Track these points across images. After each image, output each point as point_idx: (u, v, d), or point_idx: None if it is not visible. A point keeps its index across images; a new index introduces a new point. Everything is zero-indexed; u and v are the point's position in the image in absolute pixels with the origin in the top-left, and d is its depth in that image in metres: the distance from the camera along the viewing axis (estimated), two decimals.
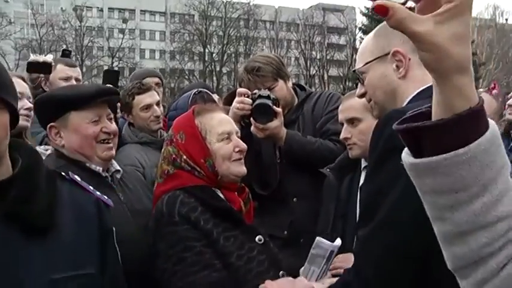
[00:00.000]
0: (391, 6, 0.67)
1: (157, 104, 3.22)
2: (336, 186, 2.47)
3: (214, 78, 43.11)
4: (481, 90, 6.27)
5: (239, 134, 2.13)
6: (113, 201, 2.03)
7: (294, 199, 2.77)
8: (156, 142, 3.15)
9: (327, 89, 31.81)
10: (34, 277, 1.36)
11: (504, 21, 49.58)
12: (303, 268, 2.07)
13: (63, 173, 1.62)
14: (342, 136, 2.37)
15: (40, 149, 2.76)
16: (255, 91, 2.67)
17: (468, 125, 0.69)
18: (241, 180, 2.13)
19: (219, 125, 2.06)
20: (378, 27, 1.76)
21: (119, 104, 3.04)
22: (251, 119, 2.61)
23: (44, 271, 1.38)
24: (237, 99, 2.67)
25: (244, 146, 2.07)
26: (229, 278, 1.86)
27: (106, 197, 1.69)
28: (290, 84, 2.91)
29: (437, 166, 0.70)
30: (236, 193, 2.07)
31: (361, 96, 1.79)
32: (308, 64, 44.32)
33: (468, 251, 0.73)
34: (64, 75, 3.68)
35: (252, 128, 2.62)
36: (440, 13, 0.67)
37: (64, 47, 40.64)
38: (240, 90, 2.70)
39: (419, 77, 1.60)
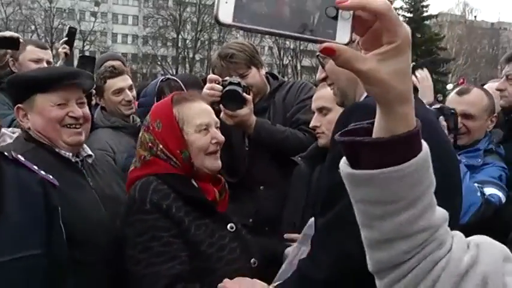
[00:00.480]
0: (337, 47, 0.72)
1: (130, 88, 3.18)
2: (307, 174, 2.50)
3: (187, 65, 42.76)
4: (450, 85, 6.40)
5: (218, 125, 2.09)
6: (82, 187, 2.06)
7: (261, 187, 2.79)
8: (128, 127, 3.13)
9: (299, 79, 31.95)
10: None
11: (473, 18, 50.62)
12: (291, 248, 2.09)
13: (5, 153, 1.62)
14: (311, 124, 2.42)
15: (6, 131, 2.72)
16: (225, 78, 2.68)
17: (404, 146, 0.76)
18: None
19: (198, 116, 2.01)
20: None
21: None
22: (220, 105, 2.60)
23: None
24: (207, 85, 2.66)
25: (221, 138, 2.04)
26: (200, 266, 1.87)
27: (51, 177, 1.69)
28: (263, 72, 2.92)
29: (372, 179, 0.77)
30: (211, 183, 2.05)
31: (322, 80, 1.80)
32: (281, 54, 44.39)
33: (389, 257, 0.82)
34: (35, 57, 3.59)
35: (222, 114, 2.61)
36: (382, 52, 0.73)
37: (33, 28, 39.91)
38: (210, 76, 2.71)
39: None
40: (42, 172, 1.68)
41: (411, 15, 38.57)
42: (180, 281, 1.80)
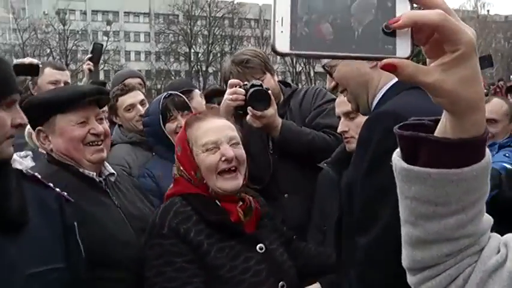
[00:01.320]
0: (398, 63, 0.70)
1: (142, 103, 3.21)
2: (335, 180, 2.43)
3: (201, 78, 43.03)
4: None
5: (235, 141, 1.99)
6: (107, 206, 2.05)
7: (286, 195, 2.72)
8: (145, 142, 3.12)
9: (313, 85, 31.94)
10: (9, 273, 1.39)
11: (486, 13, 50.08)
12: None
13: (24, 171, 1.64)
14: (339, 130, 2.36)
15: (16, 156, 2.72)
16: (245, 82, 2.62)
17: (469, 150, 0.74)
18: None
19: (204, 135, 1.95)
20: None
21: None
22: (248, 108, 2.52)
23: (19, 267, 1.42)
24: (229, 90, 2.58)
25: (230, 154, 1.92)
26: None
27: (65, 193, 1.71)
28: (276, 79, 2.91)
29: (428, 178, 0.75)
30: (235, 203, 1.97)
31: (333, 89, 1.81)
32: (294, 61, 44.39)
33: (428, 257, 0.80)
34: (53, 79, 3.67)
35: (248, 117, 2.54)
36: (445, 62, 0.70)
37: (48, 51, 40.61)
38: (232, 81, 2.63)
39: None
40: (57, 189, 1.70)
41: None
42: None
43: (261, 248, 1.94)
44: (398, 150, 0.80)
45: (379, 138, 1.41)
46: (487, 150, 0.77)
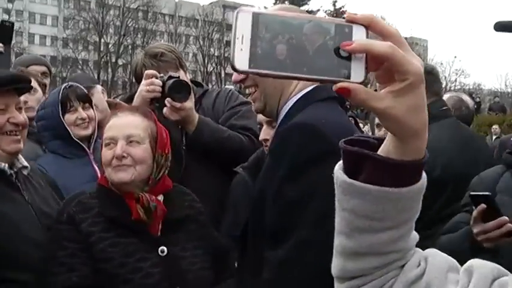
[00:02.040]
0: (352, 88, 0.73)
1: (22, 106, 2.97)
2: (251, 184, 2.34)
3: (110, 69, 41.64)
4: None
5: (133, 139, 1.98)
6: (17, 201, 1.94)
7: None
8: (32, 133, 2.83)
9: (223, 86, 32.03)
10: None
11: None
12: None
13: None
14: (261, 137, 2.36)
15: None
16: (161, 74, 2.52)
17: (408, 172, 0.80)
18: None
19: (107, 130, 2.00)
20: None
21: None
22: (166, 100, 2.41)
23: None
24: (145, 81, 2.47)
25: (119, 153, 1.94)
26: (102, 284, 1.85)
27: None
28: (188, 77, 2.82)
29: (368, 194, 0.79)
30: (134, 201, 1.95)
31: (240, 81, 1.76)
32: (206, 61, 44.36)
33: (357, 268, 0.87)
34: None
35: (166, 109, 2.44)
36: (396, 90, 0.74)
37: None
38: (148, 72, 2.51)
39: None
40: None
41: None
42: None
43: (162, 251, 1.91)
44: (340, 162, 0.86)
45: (295, 151, 1.42)
46: (424, 173, 0.84)
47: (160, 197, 2.01)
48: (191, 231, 2.05)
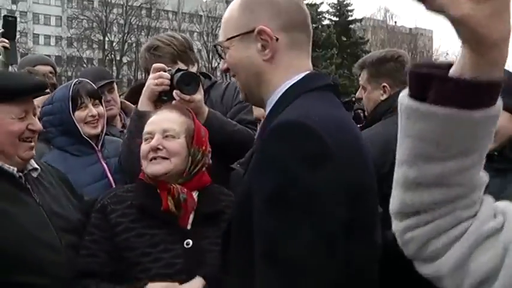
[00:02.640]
0: None
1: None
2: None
3: (114, 67, 41.67)
4: None
5: (169, 133, 2.05)
6: (27, 205, 1.93)
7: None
8: (41, 133, 2.94)
9: (228, 81, 31.94)
10: None
11: (394, 23, 52.91)
12: None
13: None
14: (258, 132, 2.30)
15: None
16: (169, 68, 2.46)
17: (482, 92, 0.72)
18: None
19: (147, 125, 2.10)
20: None
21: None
22: (175, 92, 2.35)
23: None
24: (153, 74, 2.42)
25: (154, 144, 2.01)
26: (123, 271, 1.91)
27: None
28: (194, 69, 2.73)
29: (435, 116, 0.73)
30: (168, 193, 2.00)
31: (226, 71, 1.63)
32: (210, 56, 44.31)
33: (418, 201, 0.80)
34: None
35: (174, 103, 2.39)
36: None
37: None
38: (156, 65, 2.46)
39: (286, 63, 1.45)
40: None
41: (337, 19, 39.80)
42: (93, 277, 1.91)
43: (187, 244, 1.95)
44: (406, 89, 0.79)
45: (282, 156, 1.24)
46: (500, 99, 0.75)
47: (195, 193, 2.05)
48: (223, 228, 2.00)
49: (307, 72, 1.47)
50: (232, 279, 1.44)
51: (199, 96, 2.39)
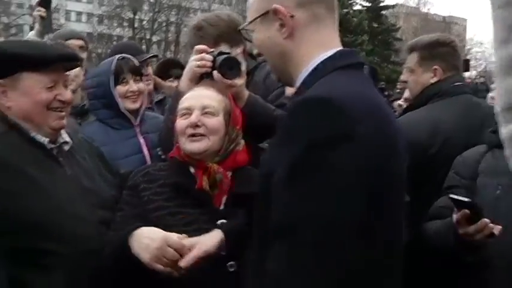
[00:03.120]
0: None
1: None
2: None
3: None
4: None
5: (208, 110, 2.03)
6: (57, 176, 1.96)
7: None
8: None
9: None
10: None
11: (427, 11, 51.75)
12: None
13: None
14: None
15: None
16: (212, 49, 2.48)
17: None
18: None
19: (183, 101, 2.08)
20: None
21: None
22: (216, 76, 2.36)
23: None
24: (195, 56, 2.43)
25: (194, 120, 1.99)
26: None
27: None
28: (240, 50, 2.70)
29: None
30: (203, 172, 1.99)
31: (259, 55, 1.71)
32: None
33: None
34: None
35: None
36: None
37: None
38: (198, 46, 2.47)
39: (307, 38, 1.45)
40: None
41: (369, 4, 39.09)
42: None
43: (221, 224, 1.94)
44: None
45: (305, 132, 1.23)
46: None
47: (229, 173, 2.05)
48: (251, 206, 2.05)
49: (339, 48, 1.46)
50: (252, 254, 1.44)
51: (241, 80, 2.40)
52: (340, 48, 1.47)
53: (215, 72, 2.35)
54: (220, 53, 2.43)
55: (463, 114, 2.76)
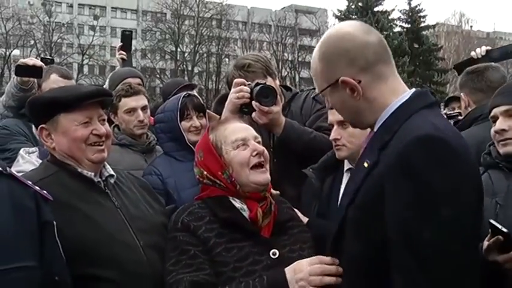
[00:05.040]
0: None
1: (143, 108, 3.21)
2: (318, 186, 2.50)
3: (186, 77, 42.83)
4: (451, 95, 6.53)
5: (259, 140, 2.10)
6: (105, 207, 2.08)
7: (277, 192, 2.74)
8: (136, 145, 3.19)
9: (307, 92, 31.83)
10: None
11: (469, 28, 50.87)
12: None
13: (0, 168, 1.64)
14: (332, 137, 2.42)
15: (22, 151, 2.75)
16: (249, 82, 2.69)
17: None
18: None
19: (233, 133, 2.08)
20: (319, 46, 1.72)
21: None
22: (255, 104, 2.58)
23: None
24: (234, 89, 2.66)
25: (261, 149, 2.05)
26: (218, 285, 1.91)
27: (45, 192, 1.72)
28: (277, 83, 2.96)
29: None
30: (258, 202, 2.03)
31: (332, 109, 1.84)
32: (280, 65, 44.48)
33: None
34: (57, 87, 3.57)
35: (254, 114, 2.61)
36: None
37: (32, 42, 39.99)
38: (237, 80, 2.71)
39: (379, 93, 1.62)
40: (37, 187, 1.71)
41: (409, 25, 38.80)
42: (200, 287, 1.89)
43: (274, 254, 1.96)
44: None
45: (428, 161, 1.42)
46: None
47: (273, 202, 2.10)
48: (295, 234, 2.10)
49: (413, 91, 1.65)
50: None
51: (277, 108, 2.60)
52: (413, 89, 1.65)
53: (253, 102, 2.51)
54: (257, 84, 2.62)
55: None
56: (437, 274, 1.38)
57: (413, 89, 1.66)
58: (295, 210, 2.25)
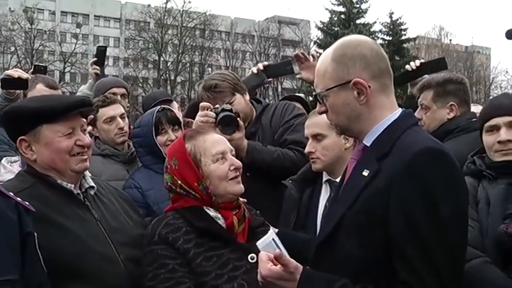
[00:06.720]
0: None
1: (122, 116, 3.23)
2: (297, 198, 2.56)
3: (169, 87, 42.70)
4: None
5: (233, 153, 2.17)
6: (84, 220, 2.05)
7: (257, 211, 2.80)
8: (118, 155, 3.20)
9: (276, 103, 31.96)
10: None
11: (448, 42, 51.69)
12: None
13: None
14: (306, 150, 2.50)
15: (4, 161, 2.74)
16: (216, 106, 2.79)
17: None
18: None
19: (212, 146, 2.11)
20: (334, 48, 1.80)
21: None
22: (217, 130, 2.63)
23: None
24: (200, 113, 2.76)
25: (239, 163, 2.12)
26: None
27: (27, 203, 1.70)
28: (247, 97, 3.03)
29: None
30: (232, 210, 2.09)
31: (322, 113, 1.88)
32: None
33: None
34: (33, 96, 3.55)
35: None
36: None
37: (12, 49, 39.50)
38: (203, 104, 2.81)
39: (379, 103, 1.76)
40: (18, 199, 1.69)
41: (390, 38, 39.29)
42: None
43: (252, 258, 2.00)
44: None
45: (434, 172, 1.61)
46: None
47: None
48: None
49: (402, 110, 1.81)
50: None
51: (238, 134, 2.74)
52: (402, 109, 1.80)
53: (217, 128, 2.63)
54: (223, 110, 2.75)
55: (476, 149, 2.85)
56: (437, 261, 1.58)
57: (402, 109, 1.82)
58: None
